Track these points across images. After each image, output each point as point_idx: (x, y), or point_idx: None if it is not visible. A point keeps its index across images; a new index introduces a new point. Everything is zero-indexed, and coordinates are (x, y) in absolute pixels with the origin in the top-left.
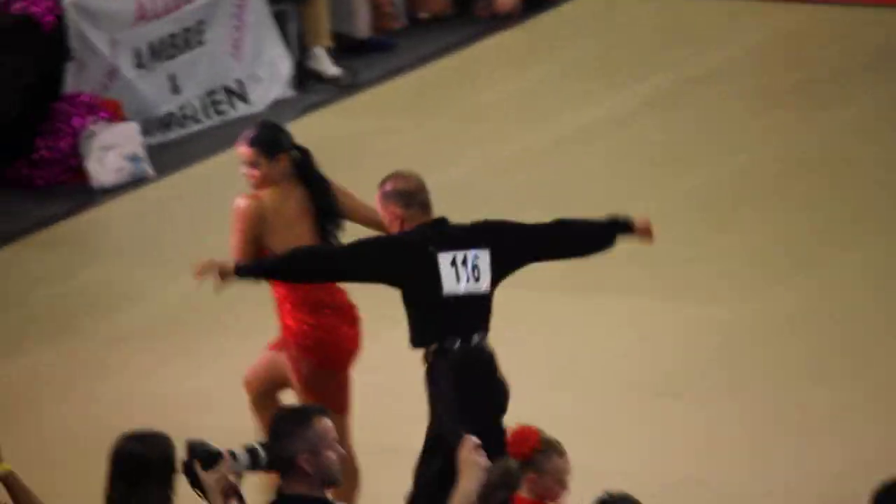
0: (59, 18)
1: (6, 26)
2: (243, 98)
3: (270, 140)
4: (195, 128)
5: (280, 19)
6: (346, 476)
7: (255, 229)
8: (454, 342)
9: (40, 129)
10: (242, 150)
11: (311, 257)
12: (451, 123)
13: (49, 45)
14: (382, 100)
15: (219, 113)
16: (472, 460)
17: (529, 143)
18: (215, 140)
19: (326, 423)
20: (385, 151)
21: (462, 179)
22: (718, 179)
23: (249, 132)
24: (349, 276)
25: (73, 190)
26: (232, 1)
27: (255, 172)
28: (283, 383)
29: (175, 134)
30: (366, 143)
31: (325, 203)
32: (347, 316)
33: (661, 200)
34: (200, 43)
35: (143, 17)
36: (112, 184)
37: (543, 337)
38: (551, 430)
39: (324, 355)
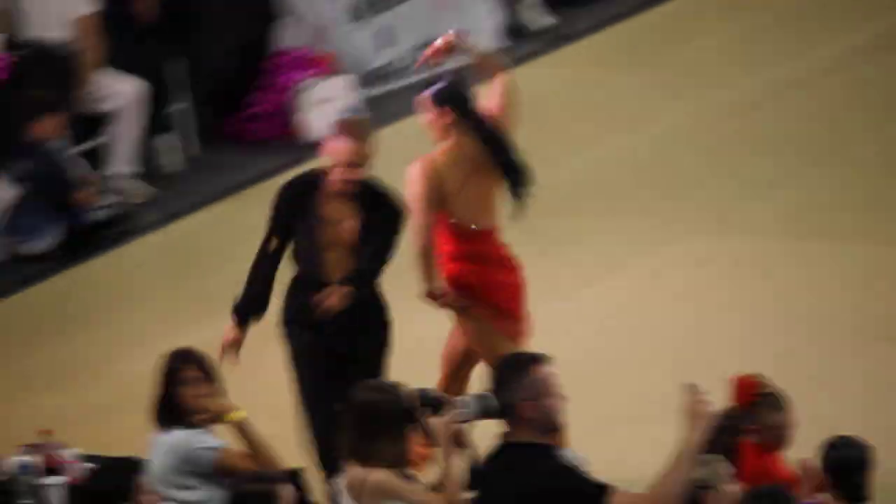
0: None
1: None
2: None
3: (445, 92)
4: (408, 81)
5: None
6: None
7: (434, 191)
8: None
9: (256, 85)
10: (423, 93)
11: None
12: (665, 73)
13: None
14: (595, 50)
15: (431, 66)
16: (698, 410)
17: (747, 90)
18: None
19: (546, 370)
20: (598, 102)
21: (678, 129)
22: None
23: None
24: None
25: (288, 144)
26: None
27: (427, 118)
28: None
29: (389, 87)
30: (579, 94)
31: (504, 159)
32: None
33: (882, 144)
34: None
35: None
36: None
37: (763, 282)
38: (773, 376)
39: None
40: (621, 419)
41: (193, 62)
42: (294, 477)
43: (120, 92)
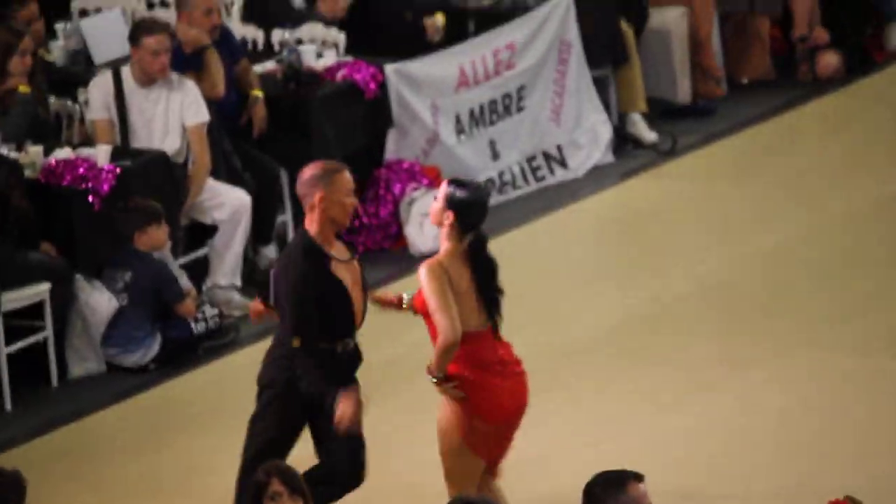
0: (382, 86)
1: (331, 94)
2: (563, 164)
3: (456, 195)
4: (514, 194)
5: (599, 85)
6: None
7: (447, 287)
8: None
9: (363, 197)
10: (445, 185)
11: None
12: (770, 189)
13: (372, 111)
14: (701, 165)
15: (538, 179)
16: None
17: (851, 208)
18: (533, 206)
19: (640, 488)
20: (704, 213)
21: (781, 244)
22: None
23: (462, 186)
24: None
25: (393, 256)
26: (553, 66)
27: (434, 206)
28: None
29: (494, 200)
30: (684, 208)
31: (489, 289)
32: (507, 371)
33: None
34: (521, 109)
35: (464, 83)
36: (430, 250)
37: (862, 402)
38: (871, 499)
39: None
40: None
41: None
42: None
43: (225, 202)
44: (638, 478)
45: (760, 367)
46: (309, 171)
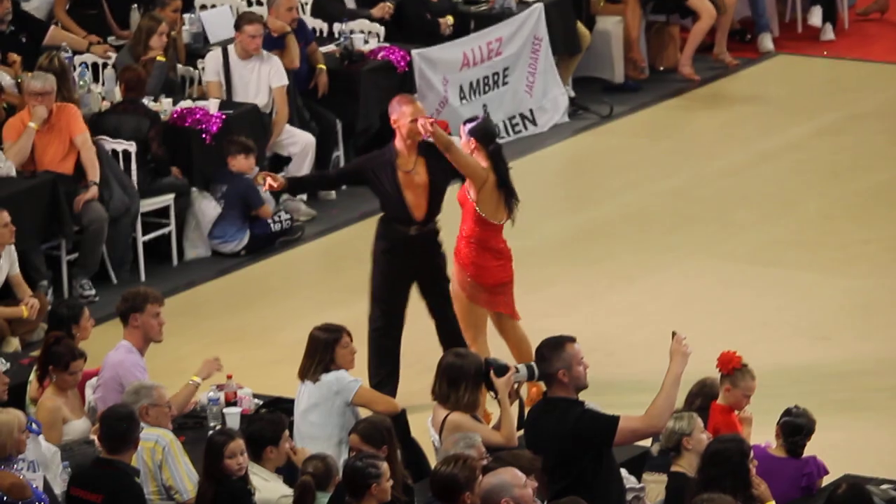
0: (409, 64)
1: (373, 69)
2: (533, 122)
3: (475, 128)
4: (500, 142)
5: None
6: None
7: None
8: None
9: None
10: (462, 129)
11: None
12: (676, 143)
13: (401, 82)
14: (629, 126)
15: (516, 132)
16: (680, 350)
17: (733, 160)
18: (513, 150)
19: (575, 346)
20: (629, 160)
21: (682, 185)
22: None
23: (473, 120)
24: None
25: None
26: (528, 54)
27: (462, 143)
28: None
29: None
30: (617, 153)
31: (505, 184)
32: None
33: None
34: (505, 83)
35: (466, 64)
36: None
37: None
38: None
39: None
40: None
41: (349, 123)
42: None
43: (297, 141)
44: (571, 339)
45: (660, 270)
46: (393, 99)
